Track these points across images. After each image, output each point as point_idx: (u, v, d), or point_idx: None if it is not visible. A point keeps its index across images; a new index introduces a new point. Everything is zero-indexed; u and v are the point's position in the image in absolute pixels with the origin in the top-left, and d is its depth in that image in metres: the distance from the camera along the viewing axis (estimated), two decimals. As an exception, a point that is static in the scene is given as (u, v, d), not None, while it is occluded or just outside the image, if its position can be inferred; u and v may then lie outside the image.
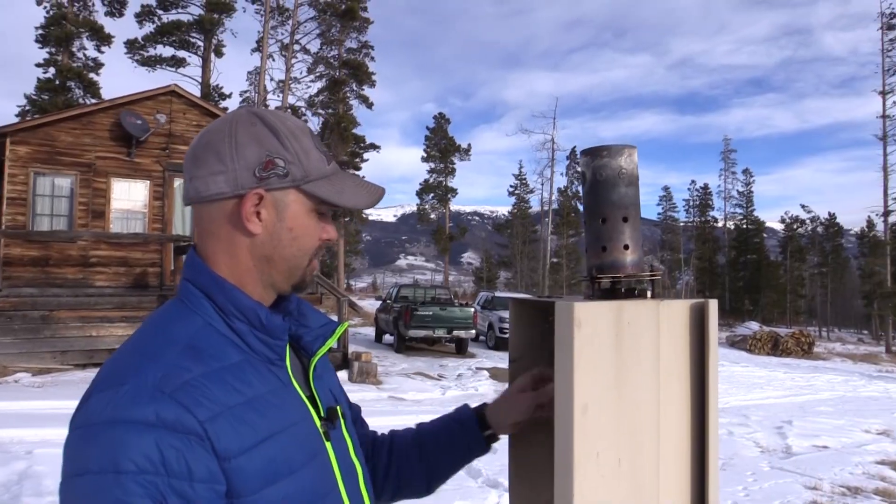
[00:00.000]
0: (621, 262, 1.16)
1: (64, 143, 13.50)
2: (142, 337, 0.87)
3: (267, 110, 0.96)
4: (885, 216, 38.43)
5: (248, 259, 0.92)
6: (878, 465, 7.08)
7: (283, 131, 0.92)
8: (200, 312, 0.89)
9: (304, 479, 0.86)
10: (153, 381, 0.77)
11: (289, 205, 0.92)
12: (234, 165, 0.90)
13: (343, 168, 1.03)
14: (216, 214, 0.92)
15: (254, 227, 0.90)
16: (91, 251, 13.43)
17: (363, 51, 37.74)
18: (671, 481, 1.04)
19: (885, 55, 37.85)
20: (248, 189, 0.90)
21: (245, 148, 0.90)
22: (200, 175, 0.91)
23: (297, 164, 0.92)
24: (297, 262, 0.94)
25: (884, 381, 16.75)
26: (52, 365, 11.76)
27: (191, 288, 0.91)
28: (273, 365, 0.91)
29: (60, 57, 30.78)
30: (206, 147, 0.92)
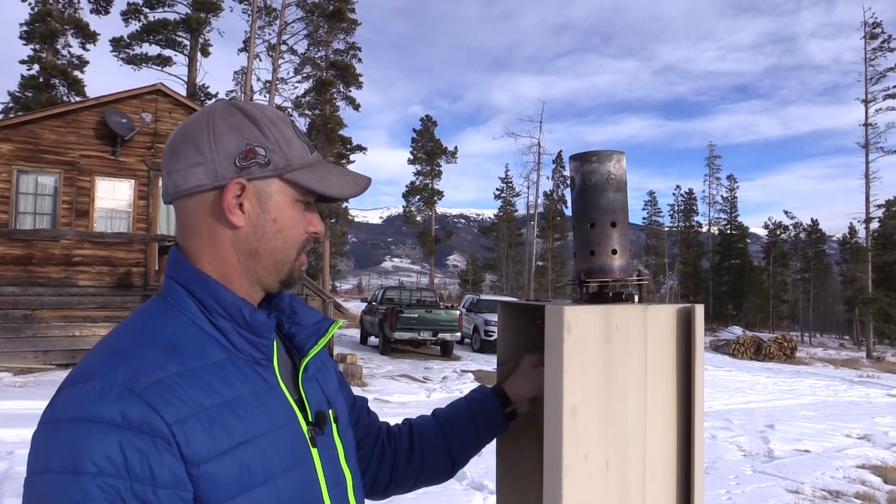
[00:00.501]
0: (609, 267, 1.17)
1: (48, 140, 13.37)
2: (119, 334, 0.85)
3: (245, 101, 0.94)
4: (867, 223, 38.86)
5: (232, 254, 0.89)
6: (859, 469, 7.15)
7: (262, 120, 0.90)
8: (183, 310, 0.86)
9: (283, 487, 0.82)
10: (122, 379, 0.75)
11: (272, 195, 0.89)
12: (213, 156, 0.86)
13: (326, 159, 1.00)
14: (196, 208, 0.89)
15: (236, 220, 0.87)
16: (74, 250, 13.31)
17: (350, 52, 37.67)
18: (658, 484, 1.05)
19: (867, 64, 38.30)
20: (229, 179, 0.86)
21: (224, 137, 0.87)
22: (178, 168, 0.88)
23: (278, 153, 0.89)
24: (283, 255, 0.91)
25: (865, 386, 16.93)
26: (34, 365, 11.64)
27: (173, 285, 0.88)
28: (258, 365, 0.87)
29: (45, 54, 30.48)
30: (184, 139, 0.89)
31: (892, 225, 50.54)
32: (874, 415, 11.46)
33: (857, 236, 49.17)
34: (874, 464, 7.42)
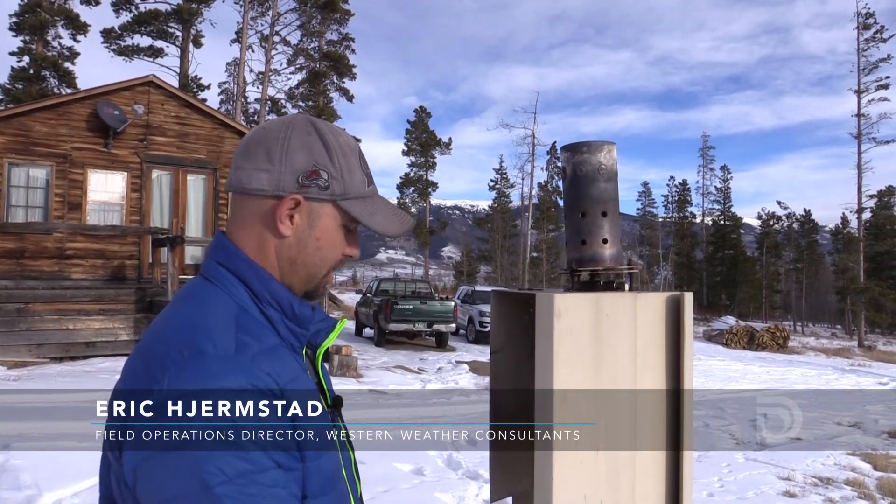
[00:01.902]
0: (600, 256, 1.19)
1: (39, 133, 13.29)
2: (187, 313, 0.91)
3: (325, 123, 1.01)
4: (859, 213, 39.04)
5: (273, 256, 0.96)
6: (850, 456, 7.22)
7: (334, 146, 0.97)
8: (234, 296, 0.93)
9: (333, 459, 0.94)
10: (232, 353, 0.83)
11: (321, 216, 0.97)
12: (280, 167, 0.94)
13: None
14: (253, 208, 0.96)
15: (284, 230, 0.95)
16: (67, 243, 13.26)
17: (344, 43, 37.52)
18: (647, 467, 1.07)
19: (860, 54, 38.36)
20: (288, 193, 0.94)
21: (295, 153, 0.94)
22: (246, 167, 0.95)
23: (339, 180, 0.96)
24: (316, 270, 0.99)
25: (856, 374, 17.05)
26: (28, 358, 11.61)
27: (224, 272, 0.94)
28: (294, 352, 0.96)
29: (35, 46, 30.24)
30: (259, 143, 0.96)
31: (884, 215, 50.79)
32: (865, 403, 11.56)
33: (850, 226, 49.39)
34: (864, 451, 7.49)
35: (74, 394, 8.42)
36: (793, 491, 5.74)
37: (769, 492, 5.71)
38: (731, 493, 5.65)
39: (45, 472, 4.96)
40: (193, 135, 14.91)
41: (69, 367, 11.12)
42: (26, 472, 5.03)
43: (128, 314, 12.49)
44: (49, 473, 4.93)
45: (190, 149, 14.84)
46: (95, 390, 8.55)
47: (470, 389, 10.55)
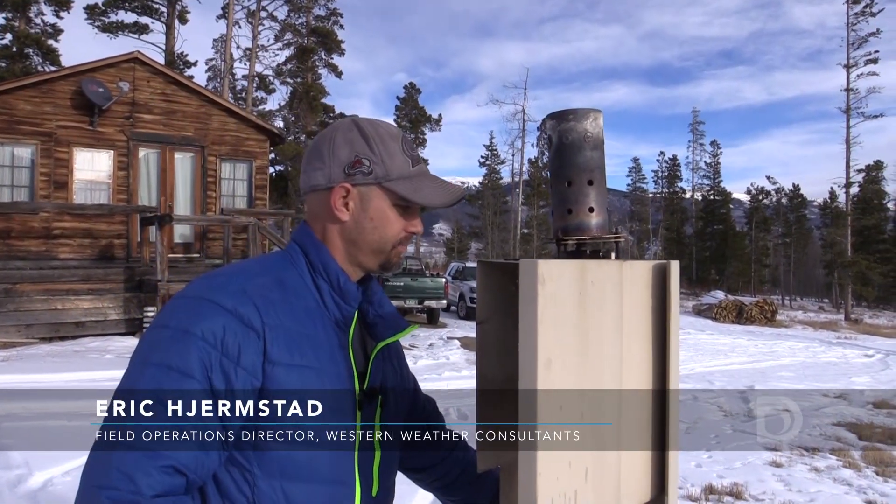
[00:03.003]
0: (586, 225, 1.18)
1: (23, 111, 13.12)
2: (246, 264, 1.09)
3: (368, 120, 1.15)
4: (847, 188, 39.21)
5: (338, 239, 1.11)
6: (835, 426, 7.32)
7: (372, 136, 1.10)
8: (295, 263, 1.09)
9: (325, 415, 1.00)
10: (241, 284, 1.00)
11: (372, 199, 1.10)
12: (330, 163, 1.09)
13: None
14: (317, 202, 1.12)
15: (341, 215, 1.09)
16: (54, 223, 13.16)
17: (332, 18, 37.06)
18: (633, 435, 1.07)
19: (850, 29, 38.26)
20: (338, 183, 1.09)
21: (340, 149, 1.09)
22: (308, 170, 1.12)
23: (380, 165, 1.09)
24: (379, 246, 1.11)
25: (842, 347, 17.23)
26: (16, 339, 11.56)
27: (294, 245, 1.12)
28: (338, 326, 1.07)
29: (17, 23, 29.72)
30: (315, 148, 1.13)
31: (872, 189, 51.06)
32: (851, 375, 11.69)
33: (838, 201, 49.63)
34: (850, 421, 7.59)
35: (64, 373, 8.41)
36: (779, 461, 5.82)
37: (756, 462, 5.78)
38: (718, 463, 5.72)
39: (35, 452, 4.96)
40: (180, 112, 14.76)
41: (59, 346, 11.07)
42: (16, 452, 5.03)
43: (117, 293, 12.43)
44: (39, 453, 4.94)
45: (177, 126, 14.70)
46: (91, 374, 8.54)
47: (461, 365, 10.59)
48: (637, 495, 1.11)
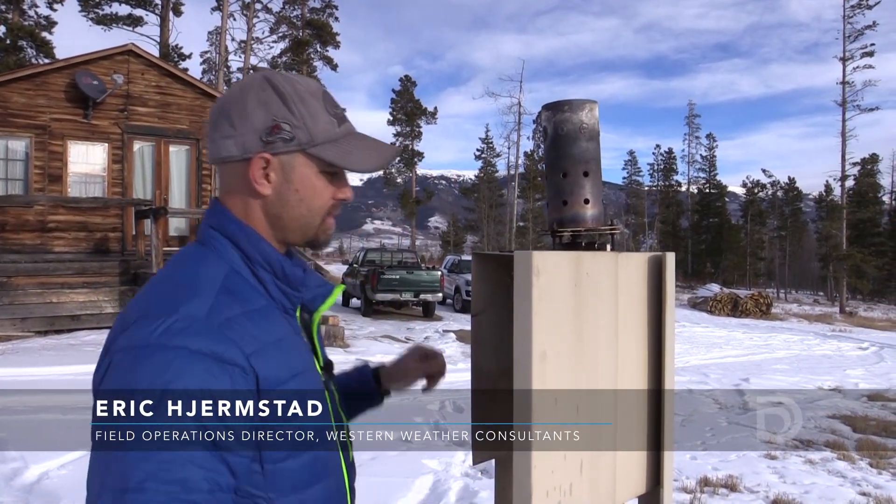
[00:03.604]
0: (582, 217, 1.18)
1: (17, 104, 13.04)
2: (174, 274, 0.93)
3: (281, 74, 1.00)
4: (843, 181, 39.30)
5: (262, 217, 0.98)
6: (830, 419, 7.35)
7: (290, 96, 0.96)
8: (227, 259, 0.94)
9: (324, 415, 0.95)
10: (202, 315, 0.84)
11: (296, 167, 0.97)
12: (241, 130, 0.95)
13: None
14: (231, 175, 0.98)
15: (262, 189, 0.96)
16: (49, 216, 13.10)
17: (327, 10, 36.94)
18: (629, 427, 1.07)
19: (846, 21, 38.26)
20: (255, 153, 0.95)
21: (252, 113, 0.95)
22: (216, 138, 0.97)
23: (302, 129, 0.95)
24: (306, 220, 0.99)
25: (837, 340, 17.30)
26: (11, 332, 11.53)
27: (216, 235, 0.96)
28: (286, 314, 0.97)
29: (11, 15, 29.54)
30: (221, 111, 0.97)
31: (867, 183, 51.17)
32: (845, 367, 11.74)
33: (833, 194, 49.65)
34: (844, 414, 7.62)
35: (59, 367, 8.39)
36: (774, 454, 5.84)
37: (751, 454, 5.81)
38: (713, 455, 5.74)
39: (30, 445, 4.95)
40: (175, 105, 14.69)
41: (54, 340, 11.05)
42: (12, 445, 5.03)
43: (112, 287, 12.39)
44: (35, 446, 4.93)
45: (172, 119, 14.63)
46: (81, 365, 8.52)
47: (457, 357, 10.60)
48: (632, 488, 1.11)
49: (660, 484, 1.13)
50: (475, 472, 4.86)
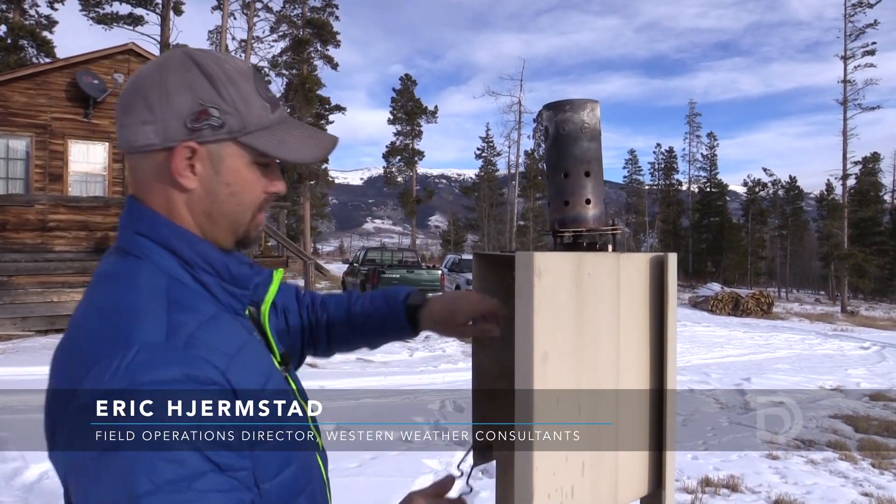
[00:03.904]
0: (583, 217, 1.17)
1: (18, 103, 13.06)
2: (109, 296, 0.81)
3: (205, 52, 0.89)
4: (844, 180, 39.25)
5: (188, 215, 0.87)
6: (831, 418, 7.34)
7: (219, 77, 0.85)
8: (162, 266, 0.84)
9: (304, 414, 0.93)
10: (161, 339, 0.75)
11: (225, 158, 0.86)
12: (163, 115, 0.83)
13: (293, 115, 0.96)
14: (149, 166, 0.86)
15: (187, 182, 0.85)
16: (49, 215, 13.10)
17: (327, 9, 36.95)
18: (631, 428, 1.06)
19: (847, 20, 38.21)
20: (179, 142, 0.83)
21: (175, 96, 0.83)
22: (129, 123, 0.85)
23: (233, 115, 0.85)
24: (238, 217, 0.89)
25: (838, 339, 17.29)
26: (12, 332, 11.54)
27: (146, 242, 0.85)
28: (237, 315, 0.89)
29: (12, 14, 29.59)
30: (136, 92, 0.85)
31: (869, 181, 51.14)
32: (847, 367, 11.73)
33: (834, 193, 49.62)
34: (846, 413, 7.61)
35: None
36: (776, 454, 5.83)
37: (752, 454, 5.80)
38: (714, 455, 5.73)
39: (31, 445, 4.95)
40: (175, 104, 14.72)
41: (54, 339, 11.03)
42: (12, 445, 5.03)
43: (113, 286, 12.41)
44: (36, 445, 4.93)
45: (172, 118, 14.66)
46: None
47: (457, 357, 10.60)
48: (634, 489, 1.10)
49: (662, 485, 1.13)
50: (476, 471, 4.86)
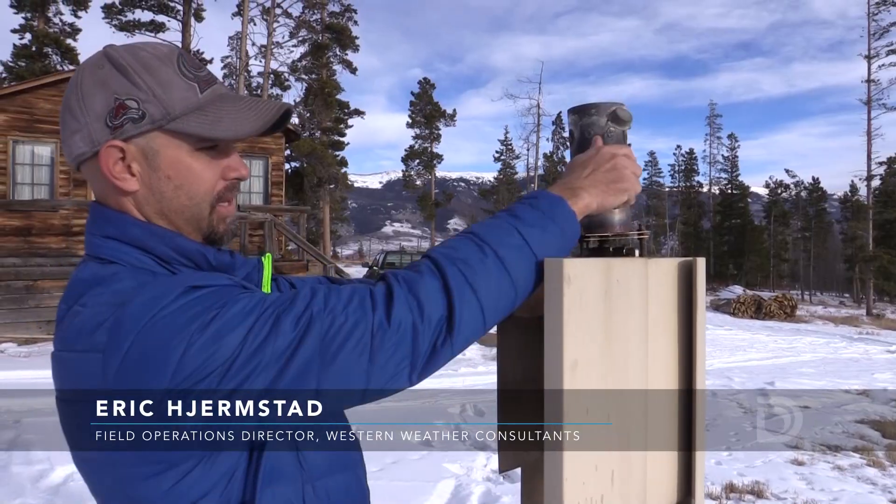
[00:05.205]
0: (609, 222, 1.16)
1: (43, 110, 13.26)
2: (97, 296, 0.77)
3: (123, 46, 0.83)
4: (868, 180, 38.72)
5: (141, 216, 0.83)
6: (858, 423, 7.22)
7: (132, 67, 0.79)
8: (140, 266, 0.80)
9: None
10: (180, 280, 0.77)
11: (159, 150, 0.81)
12: (85, 119, 0.79)
13: (231, 89, 0.88)
14: (92, 176, 0.83)
15: (126, 185, 0.81)
16: (74, 220, 13.28)
17: (346, 14, 37.13)
18: (659, 436, 1.05)
19: (871, 19, 37.73)
20: (103, 142, 0.79)
21: (92, 97, 0.79)
22: (65, 137, 0.82)
23: (153, 102, 0.79)
24: (193, 212, 0.84)
25: (864, 343, 17.03)
26: (38, 335, 11.70)
27: (116, 245, 0.82)
28: None
29: (37, 22, 30.08)
30: (64, 105, 0.82)
31: (894, 182, 50.35)
32: (873, 371, 11.54)
33: (859, 194, 49.01)
34: (873, 419, 7.49)
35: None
36: (801, 459, 5.75)
37: (777, 460, 5.72)
38: (738, 461, 5.66)
39: (57, 447, 5.00)
40: (196, 109, 14.87)
41: (79, 343, 11.20)
42: (37, 447, 5.09)
43: (136, 290, 12.55)
44: (61, 447, 4.97)
45: (193, 124, 14.81)
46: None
47: (477, 360, 10.58)
48: (663, 498, 1.09)
49: (691, 494, 1.11)
50: (497, 476, 4.83)
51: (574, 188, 0.97)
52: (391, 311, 0.77)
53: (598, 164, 1.01)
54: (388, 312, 0.77)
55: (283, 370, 0.72)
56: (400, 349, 0.77)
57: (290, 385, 0.72)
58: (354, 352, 0.74)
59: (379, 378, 0.76)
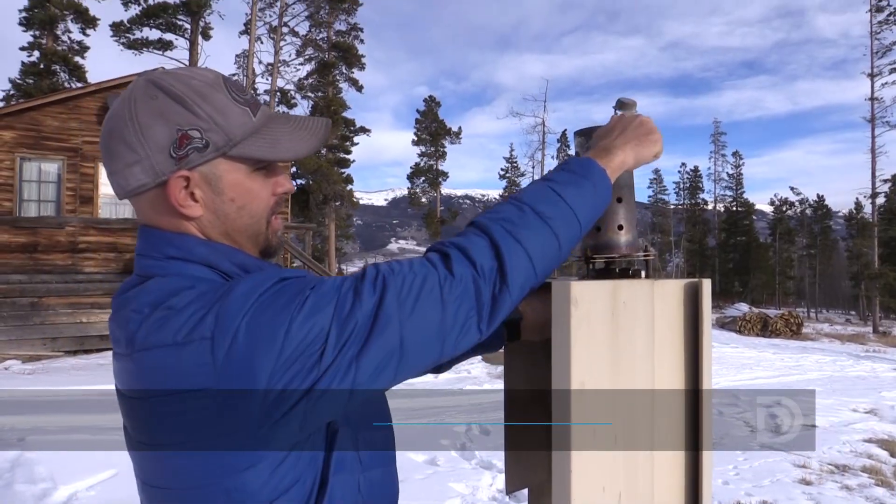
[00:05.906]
0: (616, 243, 1.16)
1: (50, 127, 13.37)
2: (187, 295, 0.79)
3: (168, 73, 0.85)
4: (873, 198, 38.63)
5: (203, 237, 0.87)
6: (866, 443, 7.16)
7: (188, 96, 0.82)
8: (209, 278, 0.84)
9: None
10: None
11: (222, 176, 0.85)
12: (145, 152, 0.81)
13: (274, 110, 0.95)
14: (151, 204, 0.85)
15: (192, 211, 0.84)
16: (80, 237, 13.34)
17: (352, 33, 37.42)
18: (666, 458, 1.04)
19: (873, 37, 37.84)
20: (169, 174, 0.82)
21: (150, 129, 0.81)
22: (117, 169, 0.83)
23: (215, 131, 0.82)
24: (254, 229, 0.90)
25: (871, 360, 16.92)
26: (42, 352, 11.71)
27: (182, 264, 0.84)
28: None
29: (45, 40, 30.37)
30: (112, 135, 0.83)
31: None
32: (881, 389, 11.45)
33: (864, 211, 48.90)
34: (881, 437, 7.42)
35: (89, 386, 8.48)
36: (809, 479, 5.69)
37: (785, 479, 5.67)
38: (746, 480, 5.61)
39: (60, 465, 5.00)
40: (203, 127, 14.96)
41: (83, 360, 11.20)
42: (41, 465, 5.08)
43: (141, 307, 12.56)
44: (64, 466, 4.97)
45: (200, 141, 14.89)
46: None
47: (482, 378, 10.54)
48: (671, 521, 1.08)
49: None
50: (503, 496, 4.80)
51: (608, 148, 1.03)
52: (451, 267, 0.84)
53: (626, 125, 1.07)
54: (448, 268, 0.84)
55: (371, 330, 0.78)
56: (466, 299, 0.83)
57: (379, 345, 0.78)
58: (428, 302, 0.80)
59: (452, 328, 0.82)
